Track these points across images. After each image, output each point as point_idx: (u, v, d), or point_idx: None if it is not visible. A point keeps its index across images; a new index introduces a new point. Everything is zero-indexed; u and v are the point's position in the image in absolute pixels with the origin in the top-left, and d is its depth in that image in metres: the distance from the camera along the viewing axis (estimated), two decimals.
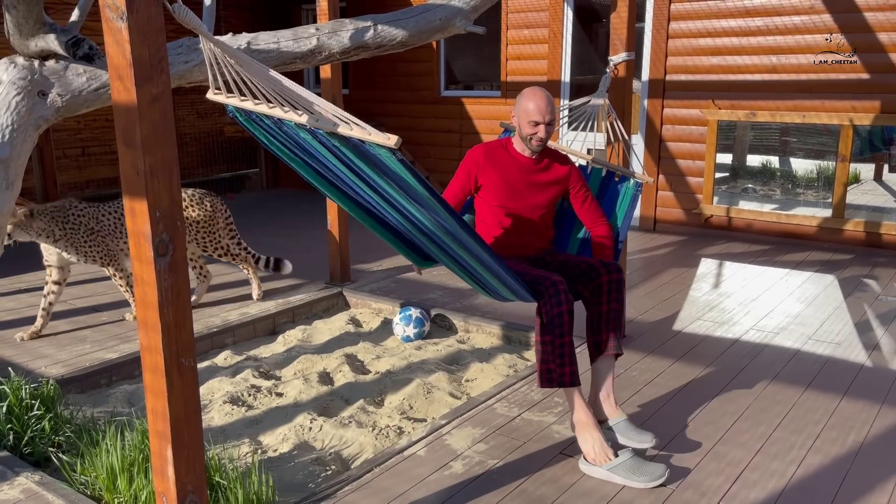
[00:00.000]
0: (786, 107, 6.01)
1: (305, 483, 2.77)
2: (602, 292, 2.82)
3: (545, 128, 2.86)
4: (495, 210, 3.00)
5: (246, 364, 3.89)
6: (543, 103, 2.84)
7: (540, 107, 2.83)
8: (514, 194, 2.98)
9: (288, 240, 6.52)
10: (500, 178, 2.97)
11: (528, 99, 2.86)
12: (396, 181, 2.14)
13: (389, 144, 1.93)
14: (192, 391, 1.94)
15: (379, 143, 1.95)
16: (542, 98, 2.85)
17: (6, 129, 3.04)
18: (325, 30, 3.45)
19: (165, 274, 1.83)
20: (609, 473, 2.62)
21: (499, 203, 2.99)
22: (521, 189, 2.98)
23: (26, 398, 3.03)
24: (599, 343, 2.85)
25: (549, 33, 7.02)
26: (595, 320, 2.86)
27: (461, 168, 3.02)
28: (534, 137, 2.89)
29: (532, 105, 2.84)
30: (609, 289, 2.81)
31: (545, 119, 2.84)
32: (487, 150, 2.99)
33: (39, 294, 4.97)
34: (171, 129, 1.79)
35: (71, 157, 7.77)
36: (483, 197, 3.03)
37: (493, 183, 2.97)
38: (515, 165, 2.99)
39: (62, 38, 2.91)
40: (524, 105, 2.86)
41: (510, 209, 2.99)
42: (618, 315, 2.83)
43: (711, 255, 5.83)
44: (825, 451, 2.83)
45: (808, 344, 3.91)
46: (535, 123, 2.85)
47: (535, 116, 2.84)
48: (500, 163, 2.98)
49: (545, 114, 2.83)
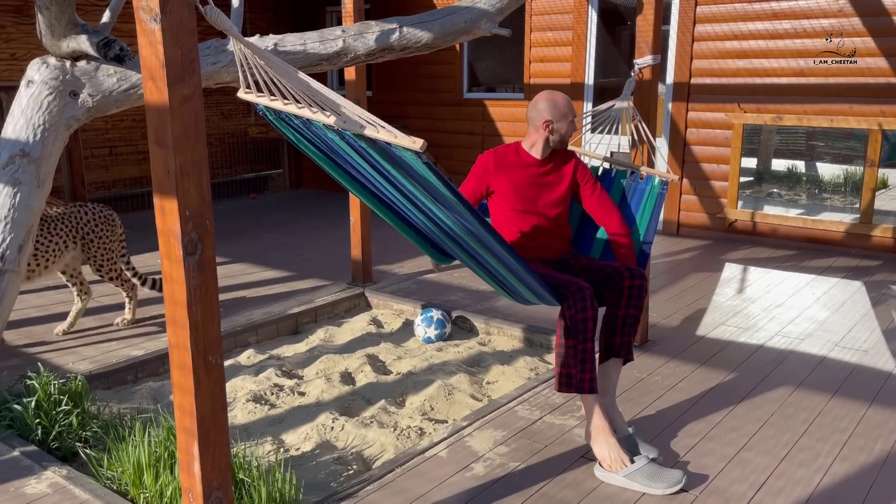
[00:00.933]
0: (813, 110, 5.94)
1: (327, 482, 2.79)
2: (623, 297, 2.82)
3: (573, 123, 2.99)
4: (510, 214, 3.02)
5: (269, 363, 3.92)
6: (567, 98, 2.98)
7: (570, 102, 2.98)
8: (526, 196, 3.00)
9: (310, 240, 6.57)
10: (511, 182, 3.00)
11: (558, 99, 2.95)
12: (421, 183, 2.16)
13: (415, 148, 1.94)
14: (218, 388, 1.96)
15: (405, 146, 1.97)
16: (564, 96, 2.98)
17: (38, 129, 3.09)
18: (350, 32, 3.47)
19: (194, 272, 1.85)
20: (626, 480, 2.61)
21: (512, 207, 3.01)
22: (532, 190, 3.00)
23: (54, 394, 3.07)
24: (612, 346, 2.87)
25: (574, 36, 7.01)
26: (611, 323, 2.87)
27: (472, 174, 3.05)
28: (567, 133, 2.98)
29: (563, 102, 2.95)
30: (630, 294, 2.81)
31: (574, 113, 2.98)
32: (497, 155, 3.03)
33: (67, 291, 5.05)
34: (201, 129, 1.82)
35: (98, 157, 7.88)
36: (496, 202, 3.05)
37: (504, 187, 3.00)
38: (524, 167, 3.02)
39: (93, 40, 2.95)
40: (556, 107, 2.94)
41: (524, 211, 3.00)
42: (634, 321, 2.84)
43: (735, 260, 5.78)
44: (852, 460, 2.79)
45: (835, 351, 3.86)
46: (572, 120, 2.97)
47: (571, 113, 2.97)
48: (509, 167, 3.01)
49: (573, 108, 2.99)
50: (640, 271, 2.85)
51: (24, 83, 3.10)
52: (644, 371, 3.61)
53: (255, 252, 6.14)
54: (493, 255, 2.46)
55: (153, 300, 4.83)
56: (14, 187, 3.06)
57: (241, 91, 2.31)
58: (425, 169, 2.05)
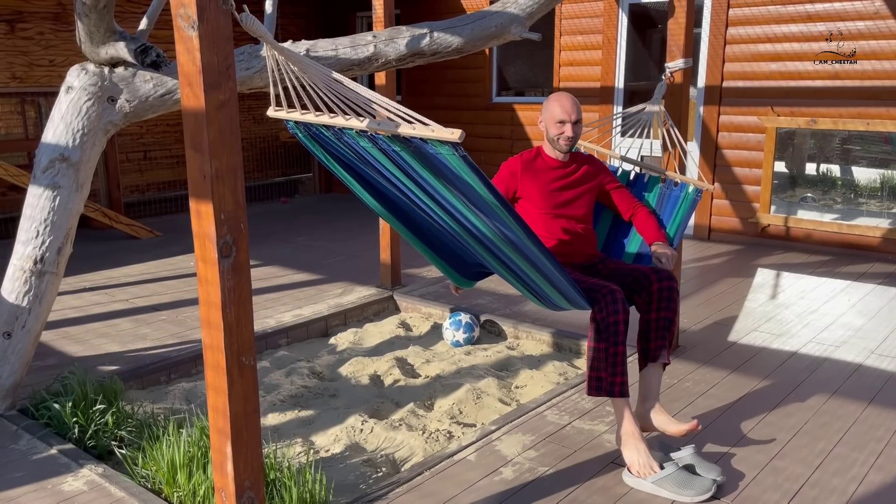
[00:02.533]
0: (849, 114, 5.85)
1: (357, 484, 2.81)
2: (653, 300, 2.80)
3: (571, 126, 2.93)
4: (537, 219, 3.02)
5: (299, 365, 3.96)
6: (568, 102, 2.94)
7: (564, 106, 2.93)
8: (552, 199, 3.01)
9: (340, 244, 6.62)
10: (537, 185, 3.01)
11: (553, 101, 2.97)
12: (456, 185, 2.13)
13: (453, 139, 1.90)
14: (251, 389, 1.99)
15: (442, 138, 1.93)
16: (567, 98, 2.96)
17: (77, 134, 3.17)
18: (382, 37, 3.50)
19: (229, 275, 1.88)
20: (656, 487, 2.58)
21: (539, 210, 3.01)
22: (557, 193, 3.01)
23: (90, 393, 3.14)
24: (648, 351, 2.83)
25: (604, 39, 6.98)
26: (645, 328, 2.84)
27: (497, 180, 3.06)
28: (561, 137, 2.95)
29: (557, 105, 2.94)
30: (660, 297, 2.79)
31: (570, 118, 2.93)
32: (523, 160, 3.06)
33: (103, 292, 5.15)
34: (236, 134, 1.85)
35: (133, 161, 8.03)
36: (524, 206, 3.05)
37: (530, 192, 3.01)
38: (549, 170, 3.04)
39: (131, 46, 3.02)
40: (550, 107, 2.96)
41: (550, 214, 3.01)
42: (668, 324, 2.80)
43: (768, 265, 5.70)
44: (888, 469, 2.74)
45: (871, 358, 3.79)
46: (562, 122, 2.93)
47: (561, 115, 2.92)
48: (535, 171, 3.03)
49: (570, 113, 2.93)
50: (669, 273, 2.83)
51: (64, 89, 3.18)
52: (675, 377, 3.57)
53: (286, 255, 6.20)
54: (526, 260, 2.44)
55: (186, 302, 4.91)
56: (54, 191, 3.14)
57: (271, 109, 2.35)
58: (461, 164, 2.01)
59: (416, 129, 1.98)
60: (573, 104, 2.94)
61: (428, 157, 2.06)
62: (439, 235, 2.75)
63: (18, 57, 7.05)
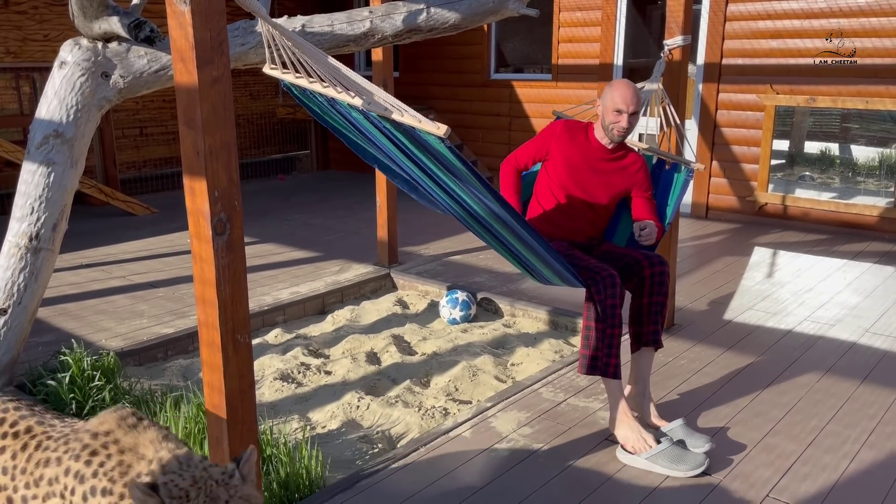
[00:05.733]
0: (848, 92, 5.81)
1: (353, 460, 2.83)
2: (645, 285, 2.82)
3: (628, 117, 2.87)
4: (556, 188, 3.02)
5: (296, 342, 3.97)
6: (630, 93, 2.86)
7: (625, 96, 2.86)
8: (576, 177, 2.99)
9: (337, 221, 6.61)
10: (568, 155, 2.98)
11: (615, 88, 2.89)
12: (444, 164, 2.20)
13: (439, 134, 1.97)
14: (246, 366, 2.00)
15: (429, 131, 1.99)
16: (629, 88, 2.87)
17: (71, 110, 3.14)
18: (378, 13, 3.46)
19: (223, 252, 1.88)
20: (649, 462, 2.61)
21: (560, 182, 3.01)
22: (584, 173, 2.99)
23: (88, 369, 3.15)
24: (640, 335, 2.87)
25: (603, 16, 6.91)
26: (637, 312, 2.88)
27: (539, 135, 3.05)
28: (616, 126, 2.90)
29: (618, 94, 2.86)
30: (652, 282, 2.81)
31: (629, 109, 2.86)
32: (568, 126, 3.02)
33: (99, 269, 5.15)
34: (230, 110, 1.84)
35: (129, 138, 7.98)
36: (548, 169, 3.03)
37: (560, 158, 2.99)
38: (588, 149, 3.00)
39: (125, 21, 2.98)
40: (611, 94, 2.89)
41: (570, 191, 3.00)
42: (661, 308, 2.84)
43: (765, 244, 5.71)
44: (880, 447, 2.76)
45: (865, 337, 3.81)
46: (619, 112, 2.87)
47: (620, 105, 2.86)
48: (574, 142, 3.00)
49: (629, 104, 2.86)
50: (660, 258, 2.84)
51: (58, 64, 3.15)
52: (670, 355, 3.59)
53: (283, 232, 6.19)
54: (516, 237, 2.47)
55: (183, 279, 4.91)
56: (48, 167, 3.12)
57: (267, 67, 2.32)
58: (448, 153, 2.09)
59: (406, 118, 2.03)
60: (633, 95, 2.86)
61: (417, 139, 2.12)
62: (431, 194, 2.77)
63: (12, 31, 6.98)
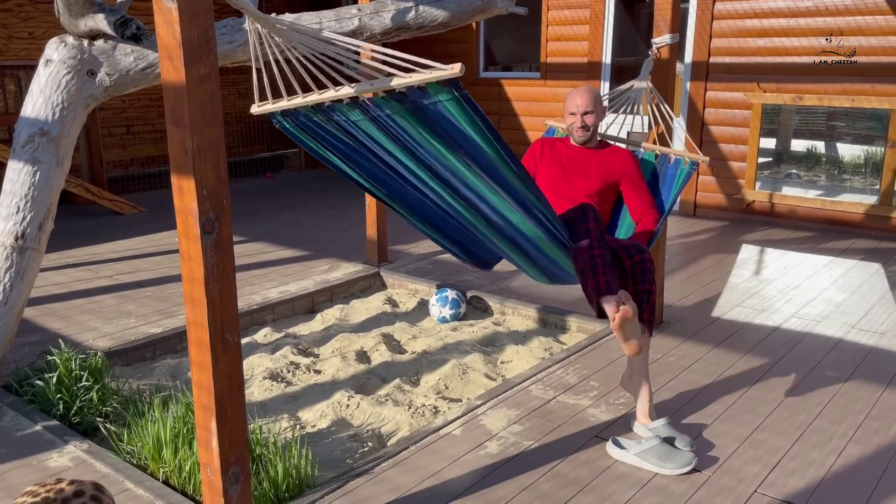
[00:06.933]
0: (834, 90, 5.86)
1: (343, 458, 2.83)
2: (628, 276, 2.82)
3: (580, 117, 3.11)
4: (549, 196, 3.11)
5: (285, 341, 3.96)
6: (579, 95, 3.13)
7: (575, 98, 3.14)
8: (565, 179, 3.14)
9: (326, 220, 6.59)
10: (554, 162, 3.19)
11: (569, 95, 3.17)
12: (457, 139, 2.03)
13: (453, 73, 1.81)
14: (235, 366, 1.99)
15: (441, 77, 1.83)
16: (580, 91, 3.14)
17: (56, 108, 3.12)
18: (366, 10, 3.46)
19: (211, 251, 1.87)
20: (638, 459, 2.62)
21: (552, 188, 3.14)
22: (571, 175, 3.15)
23: (75, 369, 3.13)
24: None
25: (591, 14, 6.93)
26: None
27: (524, 158, 3.18)
28: (573, 127, 3.15)
29: (570, 99, 3.15)
30: (634, 272, 2.80)
31: (580, 109, 3.11)
32: (549, 141, 3.27)
33: (86, 268, 5.11)
34: (218, 108, 1.83)
35: (116, 136, 7.93)
36: (539, 180, 3.19)
37: (547, 167, 3.19)
38: (569, 153, 3.21)
39: (111, 18, 2.96)
40: (566, 101, 3.17)
41: (562, 195, 3.11)
42: (647, 296, 2.80)
43: (752, 242, 5.74)
44: (866, 442, 2.78)
45: (852, 333, 3.84)
46: (573, 114, 3.14)
47: (571, 108, 3.15)
48: (554, 154, 3.23)
49: (580, 105, 3.12)
50: (638, 246, 2.81)
51: (43, 62, 3.12)
52: (659, 352, 3.61)
53: (272, 231, 6.17)
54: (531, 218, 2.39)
55: (171, 278, 4.88)
56: (34, 166, 3.10)
57: (255, 107, 2.34)
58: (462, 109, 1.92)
59: (413, 77, 1.88)
60: (583, 96, 3.09)
61: (424, 112, 1.98)
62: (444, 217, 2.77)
63: None
